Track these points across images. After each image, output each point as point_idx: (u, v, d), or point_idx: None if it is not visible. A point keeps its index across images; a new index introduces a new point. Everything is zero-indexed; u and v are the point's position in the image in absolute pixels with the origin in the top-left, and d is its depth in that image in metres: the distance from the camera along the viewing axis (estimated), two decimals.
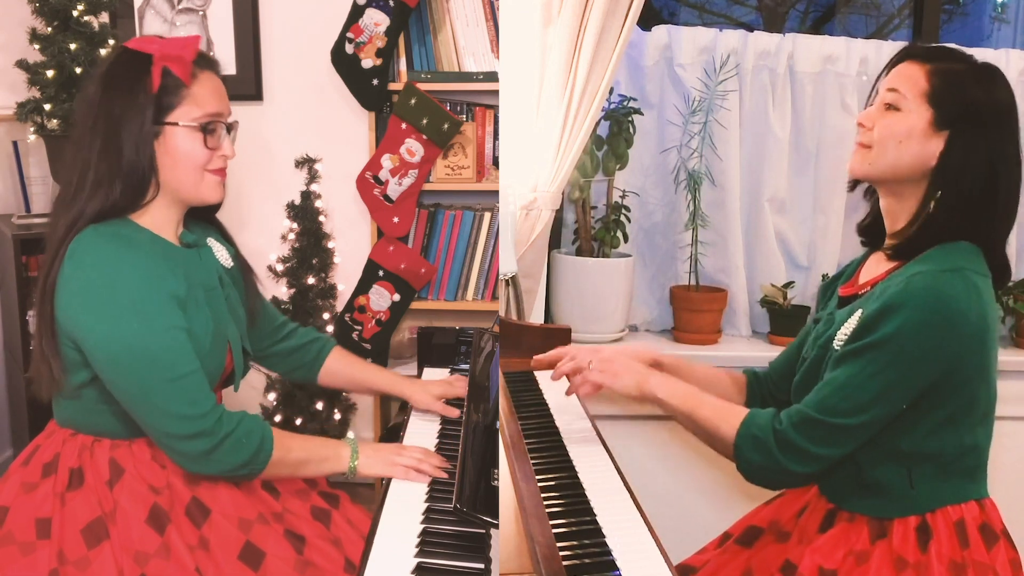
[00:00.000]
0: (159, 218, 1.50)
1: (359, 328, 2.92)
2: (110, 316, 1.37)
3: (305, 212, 2.85)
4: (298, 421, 2.84)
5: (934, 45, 1.48)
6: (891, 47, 2.67)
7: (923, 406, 1.36)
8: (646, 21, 2.59)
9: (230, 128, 1.54)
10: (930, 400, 1.36)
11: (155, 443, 1.46)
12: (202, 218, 1.64)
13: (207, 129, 1.47)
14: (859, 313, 1.40)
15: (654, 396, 1.52)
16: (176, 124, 1.45)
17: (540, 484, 1.42)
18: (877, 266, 1.50)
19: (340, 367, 1.85)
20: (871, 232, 1.57)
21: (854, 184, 1.58)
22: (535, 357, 1.75)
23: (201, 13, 2.96)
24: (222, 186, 1.53)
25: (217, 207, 1.62)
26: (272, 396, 2.88)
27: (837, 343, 1.42)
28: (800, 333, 1.69)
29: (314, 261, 2.87)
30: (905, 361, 1.32)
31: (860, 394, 1.34)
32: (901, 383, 1.34)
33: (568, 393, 1.65)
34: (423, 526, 1.33)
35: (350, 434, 1.62)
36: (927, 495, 1.40)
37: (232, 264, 1.65)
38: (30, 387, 2.51)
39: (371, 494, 2.97)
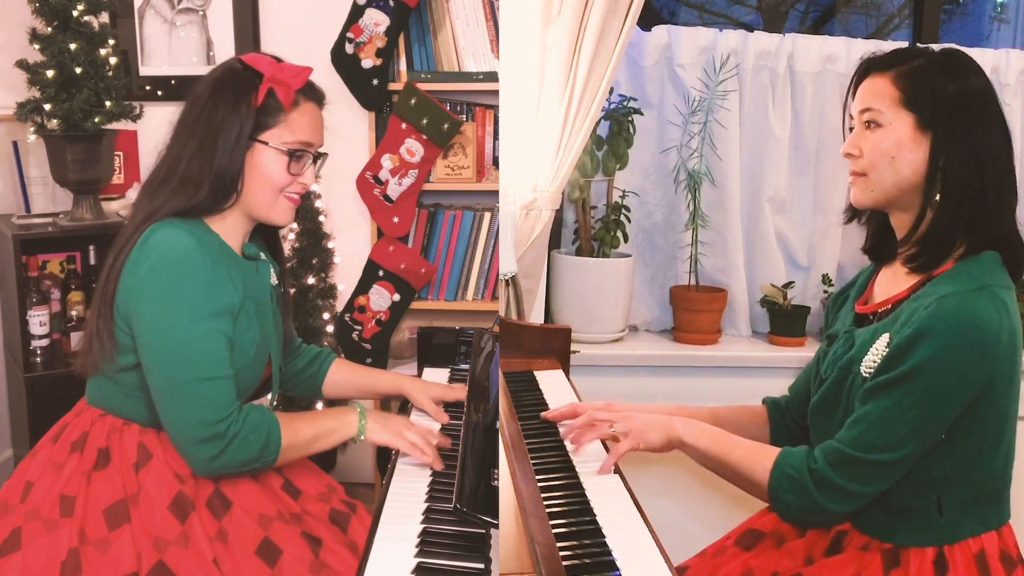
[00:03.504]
0: (230, 226, 1.55)
1: (359, 328, 2.92)
2: (163, 306, 1.42)
3: (305, 212, 2.85)
4: None
5: (890, 50, 1.45)
6: (891, 47, 2.67)
7: (957, 430, 1.33)
8: (646, 21, 2.58)
9: (317, 158, 1.58)
10: (964, 424, 1.33)
11: (171, 441, 1.47)
12: (262, 234, 1.68)
13: (294, 155, 1.52)
14: (886, 337, 1.36)
15: (681, 443, 1.47)
16: (267, 144, 1.50)
17: (540, 484, 1.42)
18: (894, 281, 1.46)
19: (342, 377, 1.87)
20: (877, 251, 1.54)
21: (851, 215, 1.53)
22: (545, 415, 1.69)
23: (201, 13, 2.96)
24: (292, 212, 1.58)
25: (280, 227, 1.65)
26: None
27: (865, 370, 1.37)
28: (813, 358, 1.63)
29: (314, 261, 2.87)
30: (941, 389, 1.28)
31: (898, 428, 1.30)
32: (938, 413, 1.30)
33: (602, 471, 1.51)
34: (423, 526, 1.33)
35: (357, 402, 1.62)
36: (952, 524, 1.37)
37: (278, 283, 1.69)
38: (31, 387, 2.52)
39: (371, 494, 2.97)
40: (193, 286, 1.42)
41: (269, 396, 1.68)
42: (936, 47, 1.47)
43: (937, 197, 1.37)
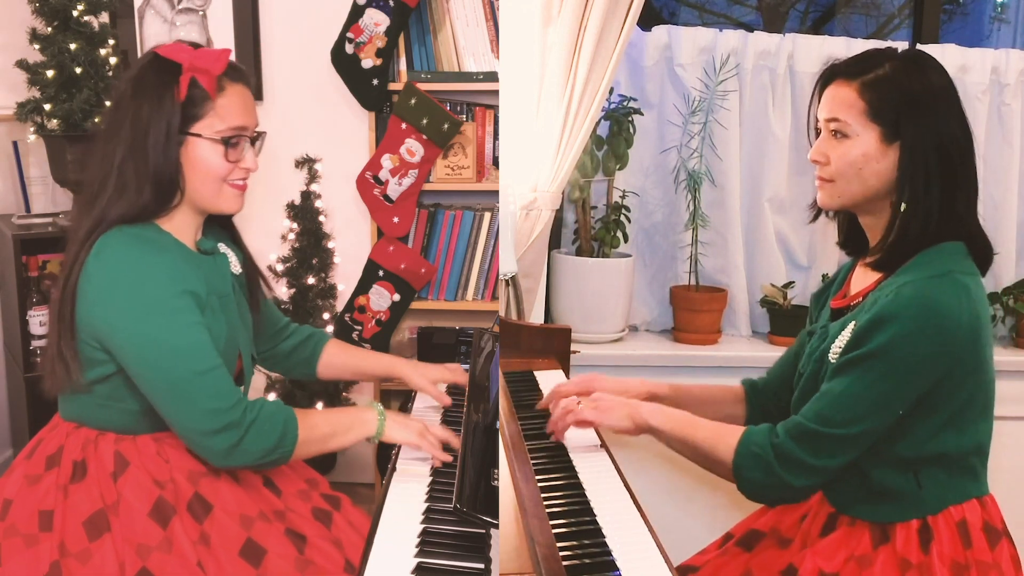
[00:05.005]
0: (180, 223, 1.52)
1: (359, 328, 2.92)
2: (136, 313, 1.39)
3: (305, 212, 2.85)
4: None
5: (854, 55, 1.46)
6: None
7: (921, 411, 1.36)
8: (646, 21, 2.58)
9: (255, 140, 1.55)
10: (927, 404, 1.36)
11: (183, 441, 1.46)
12: (218, 222, 1.65)
13: (229, 143, 1.48)
14: (852, 325, 1.40)
15: (647, 425, 1.51)
16: (200, 136, 1.46)
17: (540, 484, 1.42)
18: (866, 276, 1.50)
19: (337, 358, 1.85)
20: (851, 245, 1.57)
21: (817, 213, 1.56)
22: (540, 406, 1.72)
23: (201, 13, 2.96)
24: (241, 198, 1.55)
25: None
26: (272, 396, 2.88)
27: (832, 356, 1.41)
28: (795, 343, 1.67)
29: (314, 261, 2.87)
30: (900, 370, 1.32)
31: (857, 404, 1.34)
32: (897, 391, 1.34)
33: (558, 436, 1.61)
34: (423, 526, 1.33)
35: (375, 402, 1.62)
36: (933, 497, 1.40)
37: (240, 271, 1.67)
38: (31, 387, 2.51)
39: (371, 494, 2.97)
40: (159, 288, 1.40)
41: (244, 388, 1.66)
42: (901, 48, 1.49)
43: (904, 204, 1.40)
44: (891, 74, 1.40)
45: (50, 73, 2.58)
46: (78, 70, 2.59)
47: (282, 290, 2.89)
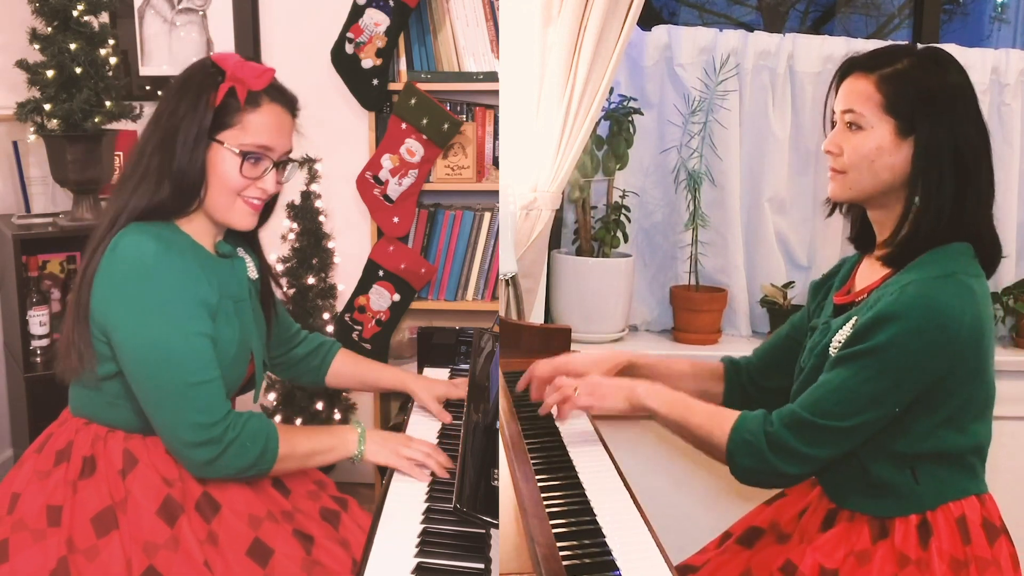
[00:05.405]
0: (200, 226, 1.53)
1: (359, 328, 2.92)
2: (140, 313, 1.40)
3: (305, 212, 2.85)
4: (298, 421, 2.84)
5: (873, 49, 1.47)
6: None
7: (920, 409, 1.37)
8: (646, 21, 2.58)
9: (284, 164, 1.55)
10: (926, 403, 1.37)
11: (165, 444, 1.47)
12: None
13: (247, 157, 1.49)
14: (854, 320, 1.41)
15: (644, 406, 1.53)
16: (222, 144, 1.48)
17: (540, 484, 1.42)
18: (872, 272, 1.50)
19: (346, 368, 1.87)
20: (862, 240, 1.57)
21: (833, 207, 1.57)
22: (536, 377, 1.75)
23: (201, 13, 2.96)
24: (252, 216, 1.54)
25: None
26: (272, 396, 2.88)
27: (833, 349, 1.42)
28: (784, 326, 1.69)
29: (314, 261, 2.87)
30: (899, 368, 1.33)
31: (853, 398, 1.35)
32: (895, 389, 1.34)
33: (559, 419, 1.65)
34: (423, 526, 1.33)
35: (358, 421, 1.63)
36: (931, 493, 1.41)
37: (256, 276, 1.67)
38: (31, 387, 2.52)
39: (371, 494, 2.97)
40: (168, 291, 1.41)
41: (254, 392, 1.66)
42: (920, 45, 1.49)
43: (917, 200, 1.40)
44: (909, 69, 1.41)
45: (50, 73, 2.58)
46: (78, 70, 2.59)
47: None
